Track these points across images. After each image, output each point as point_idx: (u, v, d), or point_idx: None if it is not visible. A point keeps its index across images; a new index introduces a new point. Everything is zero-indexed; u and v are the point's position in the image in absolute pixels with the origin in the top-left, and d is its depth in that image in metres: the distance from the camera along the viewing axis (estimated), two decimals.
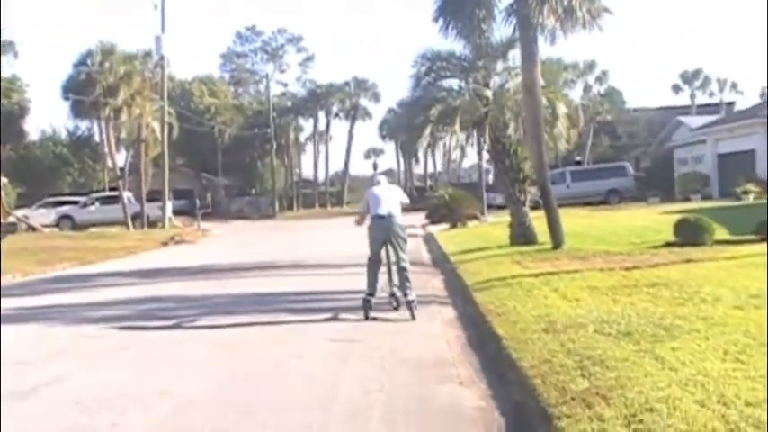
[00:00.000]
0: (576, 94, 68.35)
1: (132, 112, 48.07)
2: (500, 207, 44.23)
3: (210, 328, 12.30)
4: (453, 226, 36.55)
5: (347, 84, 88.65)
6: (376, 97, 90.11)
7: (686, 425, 5.69)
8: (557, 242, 20.14)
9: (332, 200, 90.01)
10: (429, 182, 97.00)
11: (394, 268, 13.11)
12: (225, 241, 38.91)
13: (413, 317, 12.36)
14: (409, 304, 12.56)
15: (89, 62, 48.91)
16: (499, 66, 23.12)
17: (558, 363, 7.90)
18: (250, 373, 8.88)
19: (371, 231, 12.96)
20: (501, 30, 21.20)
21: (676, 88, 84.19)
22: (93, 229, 47.54)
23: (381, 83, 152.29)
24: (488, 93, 22.15)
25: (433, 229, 37.09)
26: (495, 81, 22.76)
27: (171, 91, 56.98)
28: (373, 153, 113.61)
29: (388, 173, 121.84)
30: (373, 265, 12.97)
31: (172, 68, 55.11)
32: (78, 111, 51.23)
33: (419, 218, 49.10)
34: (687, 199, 41.96)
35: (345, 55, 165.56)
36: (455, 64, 22.89)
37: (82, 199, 55.82)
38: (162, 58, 49.87)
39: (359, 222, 13.91)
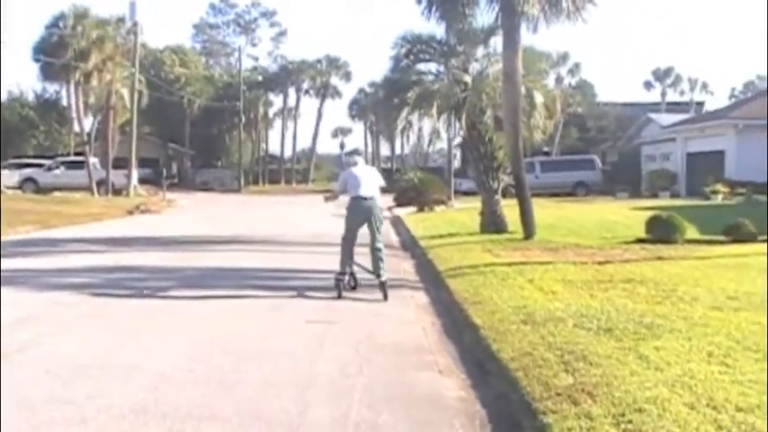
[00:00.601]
0: (548, 84, 68.29)
1: (103, 77, 47.52)
2: (465, 193, 44.43)
3: (182, 300, 12.13)
4: (420, 210, 36.57)
5: (319, 61, 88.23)
6: (347, 76, 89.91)
7: (678, 428, 5.60)
8: (528, 232, 20.09)
9: (297, 177, 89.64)
10: (395, 164, 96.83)
11: (367, 249, 13.10)
12: (191, 213, 38.62)
13: (385, 297, 12.39)
14: (382, 285, 12.57)
15: (61, 25, 48.33)
16: (479, 52, 22.90)
17: (539, 356, 7.80)
18: (227, 351, 8.65)
19: (351, 212, 12.94)
20: (483, 15, 21.03)
21: (648, 85, 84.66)
22: (56, 194, 46.93)
23: (354, 62, 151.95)
24: (467, 78, 21.93)
25: (401, 211, 37.04)
26: (474, 67, 22.52)
27: (143, 59, 56.23)
28: (341, 132, 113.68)
29: (355, 153, 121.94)
30: (348, 244, 12.93)
31: (144, 36, 54.22)
32: (48, 73, 50.63)
33: (386, 200, 49.20)
34: (655, 195, 42.18)
35: (319, 32, 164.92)
36: (435, 48, 22.70)
37: (47, 162, 55.10)
38: (135, 24, 49.27)
39: (329, 199, 14.03)
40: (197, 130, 79.15)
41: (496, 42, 22.47)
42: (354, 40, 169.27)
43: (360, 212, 12.87)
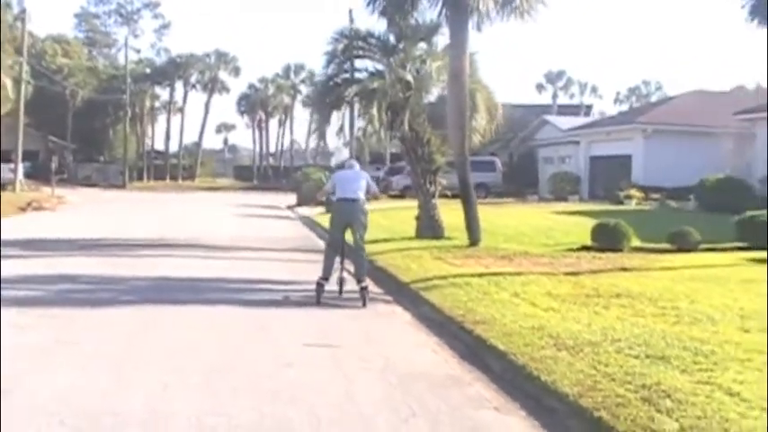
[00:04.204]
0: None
1: None
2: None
3: (152, 319, 10.79)
4: (329, 210, 35.41)
5: (208, 55, 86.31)
6: (236, 71, 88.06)
7: None
8: (474, 238, 19.39)
9: (183, 173, 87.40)
10: (282, 161, 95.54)
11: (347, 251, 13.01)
12: (87, 210, 36.94)
13: (364, 304, 12.17)
14: (362, 291, 12.33)
15: None
16: (419, 50, 22.00)
17: (610, 391, 7.00)
18: (243, 390, 7.46)
19: (335, 215, 12.99)
20: (427, 12, 20.22)
21: (540, 87, 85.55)
22: None
23: (243, 58, 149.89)
24: (409, 77, 21.03)
25: (306, 211, 36.06)
26: (415, 65, 21.59)
27: (29, 48, 53.50)
28: (224, 128, 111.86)
29: (232, 149, 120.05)
30: (332, 250, 12.73)
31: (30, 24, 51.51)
32: None
33: (279, 198, 48.11)
34: (563, 199, 42.09)
35: (207, 26, 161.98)
36: (373, 44, 21.73)
37: None
38: (23, 11, 46.77)
39: (320, 196, 15.58)
40: (79, 123, 76.05)
41: (437, 41, 21.72)
42: (244, 36, 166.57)
43: (343, 215, 12.75)
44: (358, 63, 22.33)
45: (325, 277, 12.37)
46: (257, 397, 7.20)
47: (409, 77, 21.13)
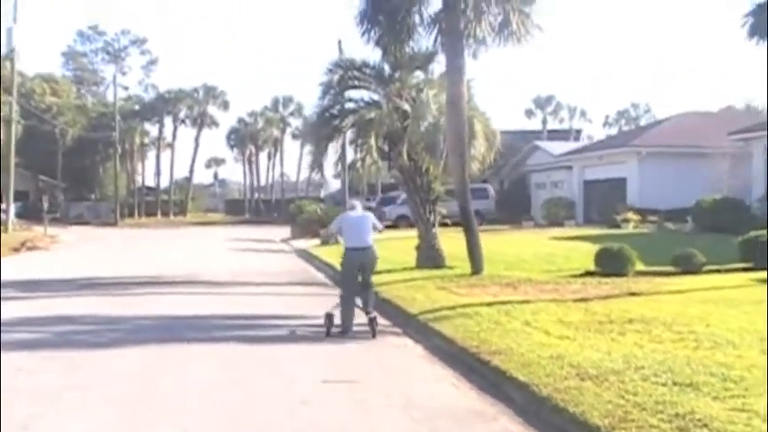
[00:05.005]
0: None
1: None
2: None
3: (162, 362, 10.49)
4: (325, 242, 35.21)
5: (196, 90, 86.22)
6: (225, 105, 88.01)
7: None
8: (477, 267, 19.15)
9: (174, 209, 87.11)
10: (273, 194, 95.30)
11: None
12: (81, 249, 36.54)
13: (373, 335, 12.21)
14: (371, 321, 12.38)
15: None
16: (415, 78, 21.85)
17: (643, 422, 6.80)
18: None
19: (348, 264, 12.84)
20: (423, 40, 20.12)
21: (529, 113, 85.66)
22: None
23: (231, 91, 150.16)
24: (406, 106, 20.87)
25: (302, 244, 35.80)
26: (410, 94, 21.42)
27: (19, 87, 53.27)
28: (214, 162, 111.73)
29: (222, 183, 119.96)
30: (349, 299, 12.65)
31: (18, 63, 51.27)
32: None
33: (273, 231, 47.84)
34: (559, 224, 41.90)
35: (194, 61, 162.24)
36: (368, 74, 21.57)
37: None
38: (12, 50, 46.57)
39: (326, 236, 14.09)
40: (69, 161, 75.83)
41: (434, 68, 21.60)
42: (232, 70, 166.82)
43: (355, 262, 12.79)
44: (353, 93, 22.11)
45: (347, 329, 12.37)
46: None
47: (406, 106, 20.97)
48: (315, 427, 7.33)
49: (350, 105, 21.78)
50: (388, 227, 41.87)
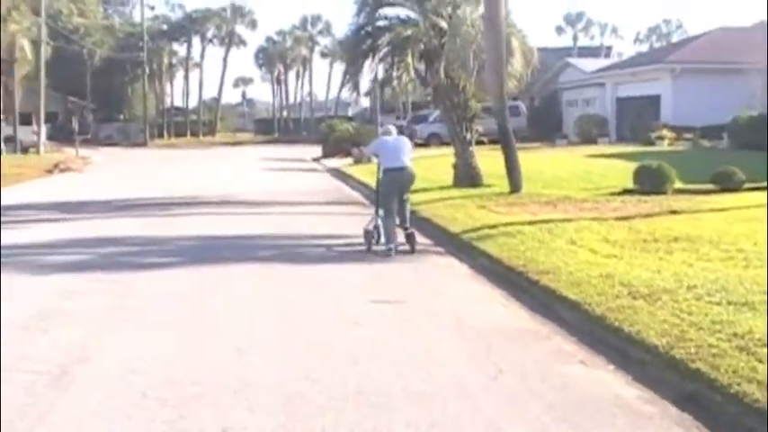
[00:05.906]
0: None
1: (8, 27, 44.30)
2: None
3: (210, 284, 10.44)
4: (358, 161, 35.12)
5: (224, 9, 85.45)
6: (253, 24, 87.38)
7: None
8: (515, 186, 19.06)
9: (204, 129, 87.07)
10: (302, 113, 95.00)
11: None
12: (115, 170, 36.70)
13: (412, 250, 12.58)
14: (409, 237, 12.80)
15: None
16: None
17: (702, 341, 6.70)
18: (311, 354, 7.20)
19: (389, 184, 12.93)
20: None
21: (559, 29, 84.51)
22: None
23: (259, 10, 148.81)
24: (443, 23, 20.54)
25: (334, 163, 35.74)
26: (448, 10, 21.05)
27: (46, 8, 52.87)
28: (242, 82, 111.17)
29: (250, 103, 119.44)
30: (390, 219, 12.70)
31: None
32: None
33: (303, 151, 47.69)
34: (592, 142, 41.53)
35: None
36: None
37: None
38: None
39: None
40: (98, 82, 75.56)
41: None
42: None
43: (395, 182, 12.91)
44: (388, 11, 21.76)
45: (391, 246, 12.39)
46: (335, 358, 6.98)
47: (443, 24, 20.66)
48: (371, 347, 7.32)
49: (384, 23, 21.48)
50: (419, 145, 42.00)
